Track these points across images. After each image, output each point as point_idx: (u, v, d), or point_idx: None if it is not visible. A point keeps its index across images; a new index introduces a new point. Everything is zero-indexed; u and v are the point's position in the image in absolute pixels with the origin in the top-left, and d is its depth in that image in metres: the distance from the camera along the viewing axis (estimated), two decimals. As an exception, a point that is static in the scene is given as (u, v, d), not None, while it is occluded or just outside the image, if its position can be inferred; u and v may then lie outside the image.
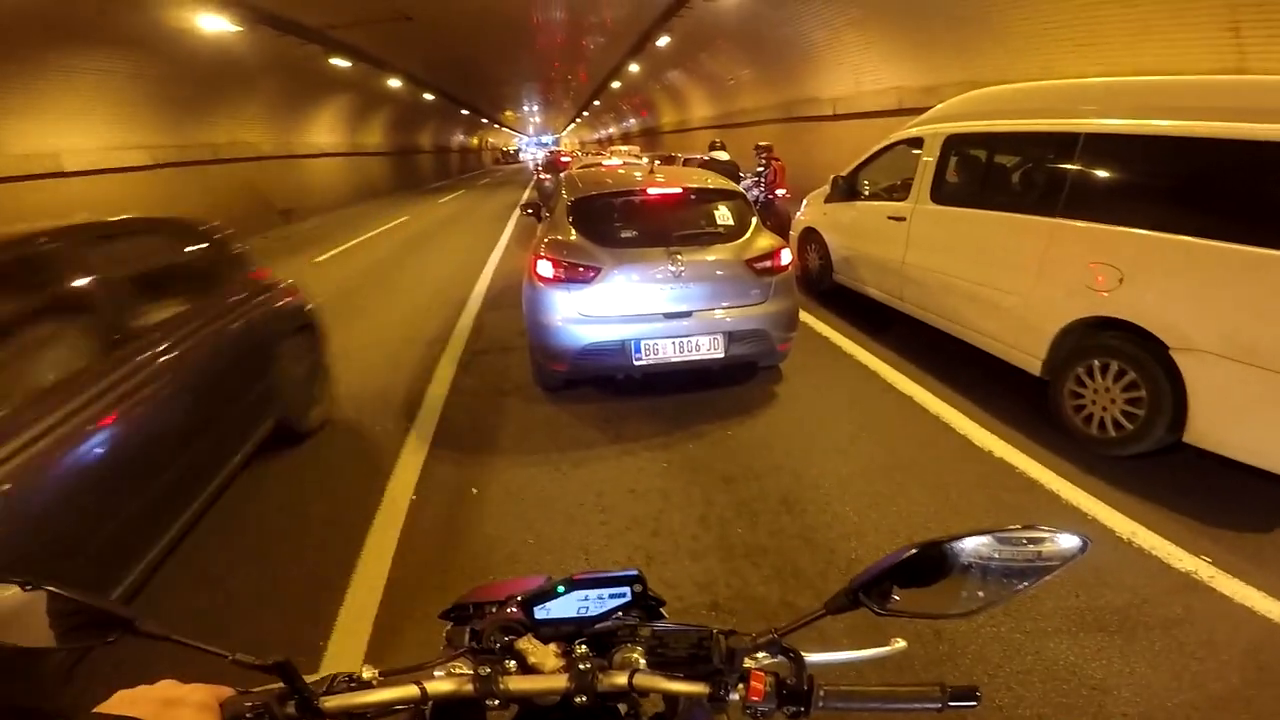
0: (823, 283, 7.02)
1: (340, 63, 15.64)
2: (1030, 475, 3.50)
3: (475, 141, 49.95)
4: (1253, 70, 5.55)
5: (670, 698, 0.88)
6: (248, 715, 0.69)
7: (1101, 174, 3.79)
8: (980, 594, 0.74)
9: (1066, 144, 3.91)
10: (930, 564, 0.75)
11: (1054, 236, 3.90)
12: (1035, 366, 4.06)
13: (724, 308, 4.30)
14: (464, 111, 34.98)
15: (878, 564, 0.76)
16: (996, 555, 0.74)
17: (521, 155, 64.47)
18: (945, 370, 4.90)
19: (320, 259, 11.56)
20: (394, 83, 20.58)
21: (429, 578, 2.90)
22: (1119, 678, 2.22)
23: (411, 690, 0.74)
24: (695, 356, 4.29)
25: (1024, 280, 4.10)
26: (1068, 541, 0.75)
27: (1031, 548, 0.75)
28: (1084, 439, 3.73)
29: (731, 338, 4.30)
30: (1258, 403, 2.97)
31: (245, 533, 3.30)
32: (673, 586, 2.72)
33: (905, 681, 0.72)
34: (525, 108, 44.29)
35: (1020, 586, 0.74)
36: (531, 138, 74.17)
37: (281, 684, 0.70)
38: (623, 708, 0.89)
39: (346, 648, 2.48)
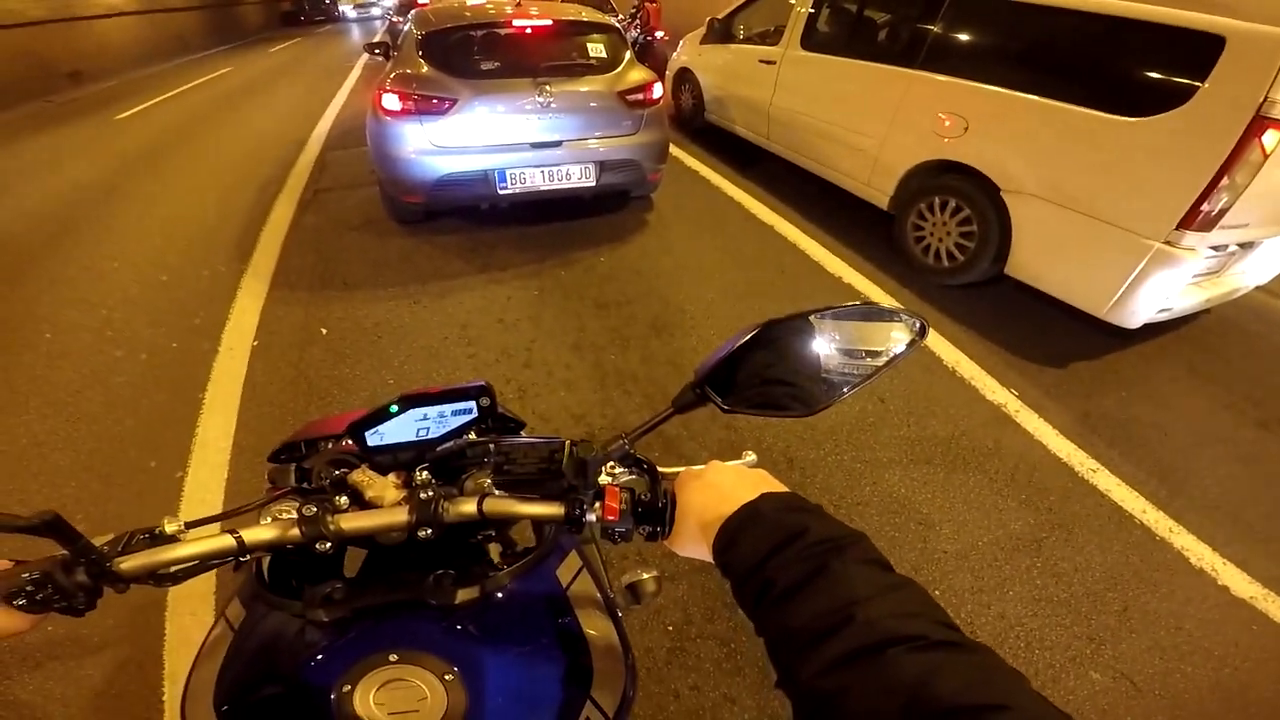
0: (695, 121, 7.18)
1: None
2: (873, 299, 3.81)
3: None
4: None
5: (538, 525, 0.83)
6: (29, 589, 0.57)
7: (960, 33, 3.94)
8: (824, 386, 0.72)
9: (933, 2, 4.03)
10: (774, 348, 0.72)
11: (911, 86, 4.11)
12: (884, 202, 4.37)
13: (596, 137, 4.21)
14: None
15: (721, 349, 0.70)
16: (839, 336, 0.72)
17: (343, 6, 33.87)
18: (803, 203, 5.07)
19: (122, 116, 9.38)
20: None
21: (281, 429, 2.69)
22: (941, 514, 2.45)
23: (226, 541, 0.64)
24: (566, 185, 4.23)
25: (880, 125, 4.33)
26: (905, 323, 0.73)
27: (874, 327, 0.73)
28: (922, 268, 4.12)
29: (603, 167, 4.27)
30: (1066, 240, 3.37)
31: (59, 407, 2.89)
32: (547, 419, 2.79)
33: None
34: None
35: (861, 376, 0.72)
36: None
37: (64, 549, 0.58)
38: (495, 549, 0.84)
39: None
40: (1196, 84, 2.87)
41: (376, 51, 5.60)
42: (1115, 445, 2.86)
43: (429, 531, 0.68)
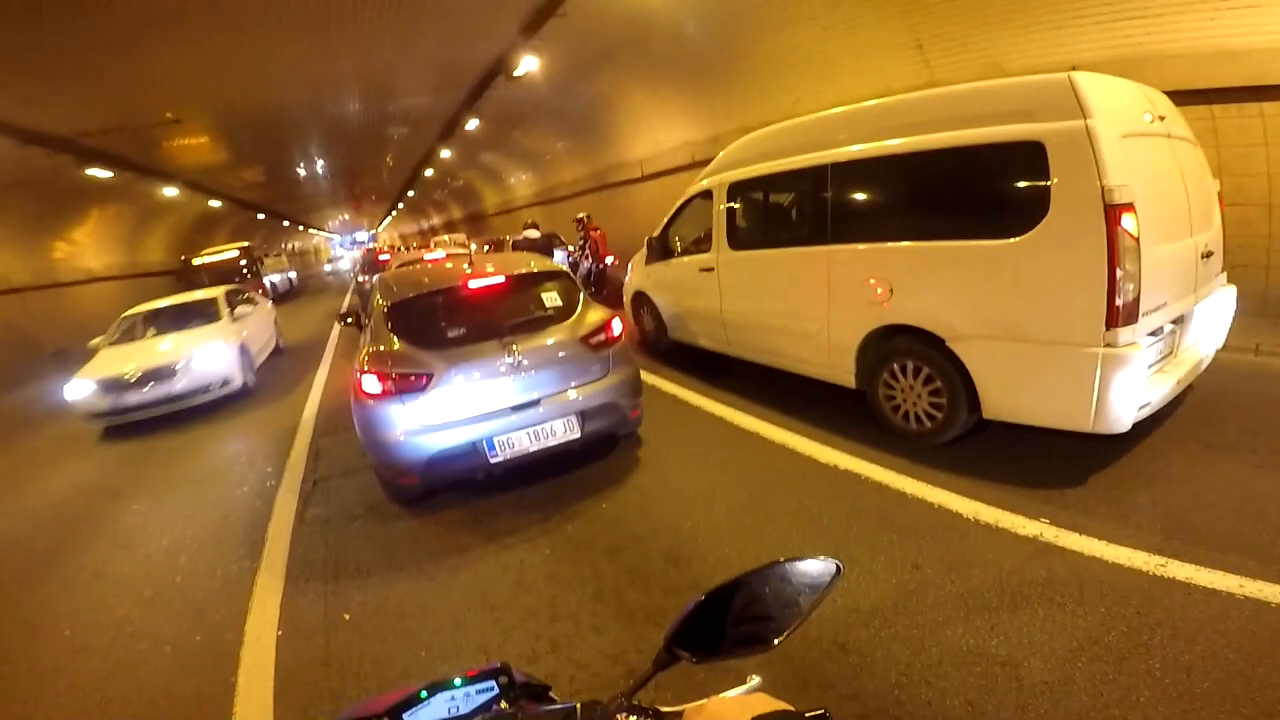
0: (661, 343, 7.22)
1: (99, 173, 13.71)
2: (876, 479, 3.86)
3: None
4: (939, 80, 6.81)
5: None
6: None
7: (852, 198, 4.24)
8: (773, 626, 0.87)
9: (819, 176, 4.33)
10: (723, 606, 0.87)
11: (832, 262, 4.34)
12: (849, 380, 4.51)
13: (572, 388, 4.30)
14: (260, 216, 32.53)
15: (678, 618, 0.87)
16: (768, 589, 0.88)
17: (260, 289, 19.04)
18: (780, 401, 5.30)
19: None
20: (170, 191, 18.43)
21: (320, 704, 2.64)
22: (1022, 649, 2.33)
23: None
24: (553, 442, 4.24)
25: (819, 306, 4.52)
26: (824, 566, 0.90)
27: (795, 577, 0.89)
28: (907, 435, 4.17)
29: (585, 416, 4.31)
30: (1021, 371, 3.47)
31: (90, 692, 2.87)
32: (584, 665, 2.65)
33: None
34: (332, 205, 41.61)
35: (800, 613, 0.87)
36: (344, 235, 65.09)
37: None
38: None
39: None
40: (1047, 185, 3.04)
41: (349, 321, 6.04)
42: (1173, 535, 2.76)
43: None
